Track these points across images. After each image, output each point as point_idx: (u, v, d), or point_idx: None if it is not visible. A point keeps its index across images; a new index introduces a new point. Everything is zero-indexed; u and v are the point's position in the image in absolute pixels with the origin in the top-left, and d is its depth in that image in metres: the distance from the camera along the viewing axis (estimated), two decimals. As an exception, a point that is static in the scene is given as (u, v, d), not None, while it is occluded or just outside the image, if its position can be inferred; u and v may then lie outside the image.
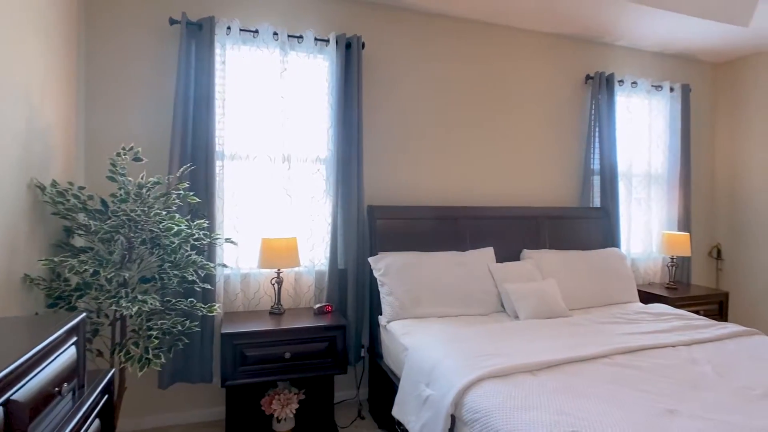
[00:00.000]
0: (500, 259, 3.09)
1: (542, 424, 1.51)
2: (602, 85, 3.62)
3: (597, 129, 3.64)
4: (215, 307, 2.21)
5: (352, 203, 2.85)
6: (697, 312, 3.37)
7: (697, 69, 4.24)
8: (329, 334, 2.53)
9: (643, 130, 3.89)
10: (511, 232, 3.21)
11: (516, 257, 3.17)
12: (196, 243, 2.14)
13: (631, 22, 3.38)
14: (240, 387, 2.56)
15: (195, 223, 2.18)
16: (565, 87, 3.66)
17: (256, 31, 2.73)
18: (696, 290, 3.57)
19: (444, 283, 2.74)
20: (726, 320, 3.51)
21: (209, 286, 2.38)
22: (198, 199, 2.34)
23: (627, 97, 3.82)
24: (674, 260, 3.68)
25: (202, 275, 2.37)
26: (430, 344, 2.21)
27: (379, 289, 2.74)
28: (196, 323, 2.21)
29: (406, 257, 2.80)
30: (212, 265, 2.23)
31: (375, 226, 2.92)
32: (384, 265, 2.74)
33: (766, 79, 3.95)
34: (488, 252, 2.99)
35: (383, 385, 2.65)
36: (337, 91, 2.85)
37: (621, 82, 3.74)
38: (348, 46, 2.89)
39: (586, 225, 3.50)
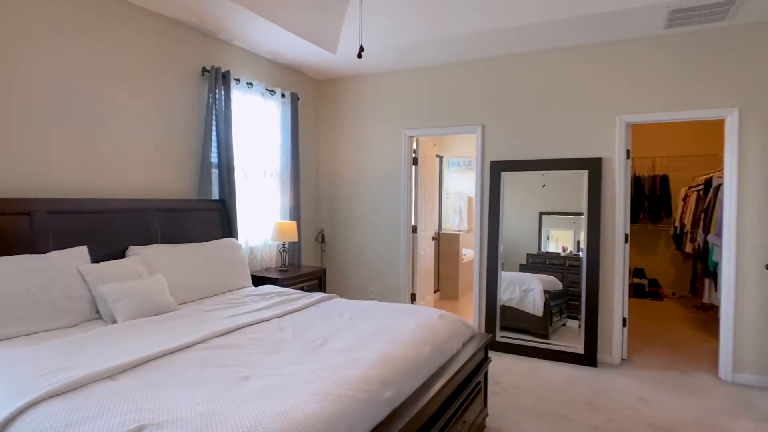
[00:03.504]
0: (99, 258, 2.72)
1: (106, 430, 1.37)
2: (219, 81, 3.72)
3: (215, 123, 3.71)
4: None
5: None
6: (302, 288, 3.92)
7: (304, 81, 4.94)
8: None
9: (259, 129, 4.23)
10: (114, 227, 2.87)
11: (121, 255, 2.87)
12: None
13: (243, 25, 3.59)
14: None
15: None
16: (181, 76, 3.57)
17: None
18: (304, 270, 4.15)
19: (8, 297, 2.17)
20: (324, 291, 4.24)
21: None
22: None
23: (244, 96, 4.06)
24: (285, 246, 4.17)
25: None
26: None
27: None
28: None
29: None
30: None
31: None
32: None
33: (353, 99, 4.99)
34: (79, 252, 2.57)
35: None
36: None
37: (237, 80, 3.95)
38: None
39: (204, 217, 3.52)
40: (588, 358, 3.81)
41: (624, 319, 3.90)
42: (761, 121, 3.46)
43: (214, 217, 3.61)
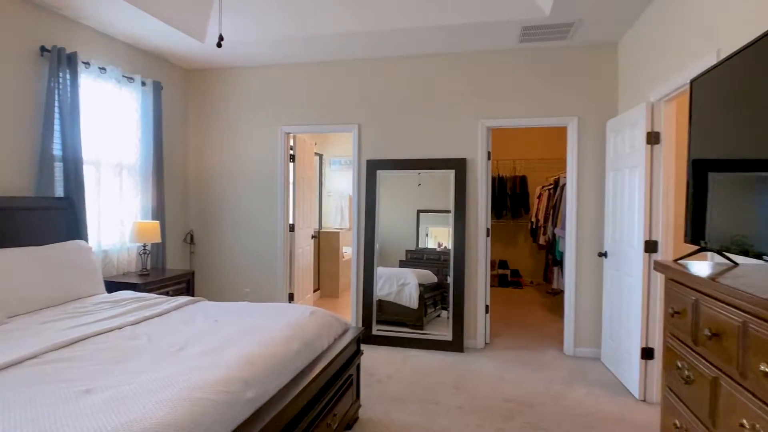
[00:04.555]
0: None
1: None
2: (63, 63, 3.28)
3: (58, 110, 3.27)
4: None
5: None
6: (167, 293, 3.63)
7: (171, 69, 4.58)
8: None
9: (114, 119, 3.81)
10: None
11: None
12: None
13: (94, 2, 3.20)
14: None
15: None
16: (11, 54, 3.08)
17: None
18: (169, 273, 3.84)
19: None
20: (193, 295, 3.97)
21: None
22: None
23: (95, 82, 3.63)
24: (147, 248, 3.83)
25: None
26: None
27: None
28: None
29: None
30: None
31: None
32: None
33: (227, 92, 4.74)
34: None
35: None
36: None
37: (87, 64, 3.52)
38: None
39: (44, 217, 3.08)
40: (456, 344, 4.09)
41: (487, 307, 4.26)
42: (595, 129, 4.02)
43: (57, 217, 3.18)
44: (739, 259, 1.80)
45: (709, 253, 2.18)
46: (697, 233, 1.64)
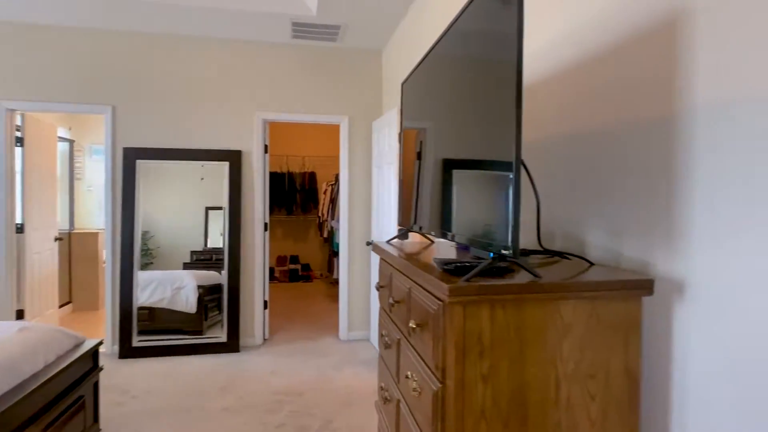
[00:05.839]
0: None
1: None
2: None
3: None
4: None
5: None
6: None
7: None
8: None
9: None
10: None
11: None
12: None
13: None
14: None
15: None
16: None
17: None
18: None
19: None
20: None
21: None
22: None
23: None
24: None
25: None
26: None
27: None
28: None
29: None
30: None
31: None
32: None
33: None
34: None
35: None
36: None
37: None
38: None
39: None
40: (231, 345, 3.91)
41: (265, 303, 4.19)
42: (364, 129, 4.30)
43: None
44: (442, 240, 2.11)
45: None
46: (406, 218, 1.86)
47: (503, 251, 0.98)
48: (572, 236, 1.43)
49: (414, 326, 1.17)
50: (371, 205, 4.28)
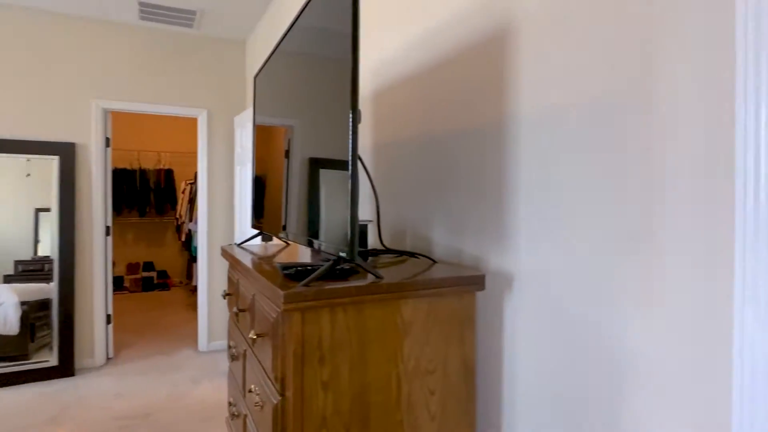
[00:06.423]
0: None
1: None
2: None
3: None
4: None
5: None
6: None
7: None
8: None
9: None
10: None
11: None
12: None
13: None
14: None
15: None
16: None
17: None
18: None
19: None
20: None
21: None
22: None
23: None
24: None
25: None
26: None
27: None
28: None
29: None
30: None
31: None
32: None
33: None
34: None
35: None
36: None
37: None
38: None
39: None
40: (64, 368, 3.37)
41: (108, 316, 3.71)
42: (225, 124, 4.03)
43: None
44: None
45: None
46: (260, 220, 1.77)
47: (340, 253, 0.95)
48: (420, 235, 1.48)
49: (254, 336, 1.09)
50: (233, 206, 4.04)
